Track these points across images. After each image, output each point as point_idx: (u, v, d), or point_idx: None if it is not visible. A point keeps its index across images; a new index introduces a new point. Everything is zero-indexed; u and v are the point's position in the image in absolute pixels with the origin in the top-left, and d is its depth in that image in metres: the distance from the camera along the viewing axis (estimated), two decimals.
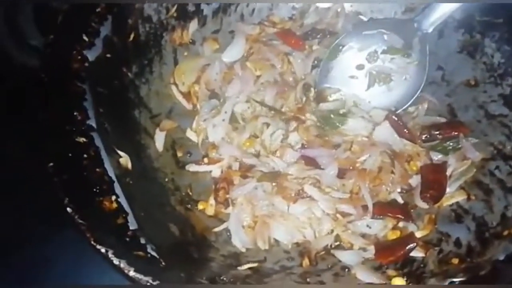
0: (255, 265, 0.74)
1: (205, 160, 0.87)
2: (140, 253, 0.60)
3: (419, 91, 0.88)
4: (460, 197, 0.81)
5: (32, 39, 1.03)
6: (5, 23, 1.05)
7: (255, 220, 0.80)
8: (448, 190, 0.81)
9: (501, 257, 0.68)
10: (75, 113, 0.70)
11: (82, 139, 0.68)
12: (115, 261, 0.55)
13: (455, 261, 0.73)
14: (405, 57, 0.89)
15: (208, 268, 0.70)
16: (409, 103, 0.88)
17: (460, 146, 0.84)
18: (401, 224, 0.79)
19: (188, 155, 0.89)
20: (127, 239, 0.60)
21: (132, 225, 0.63)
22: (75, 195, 0.60)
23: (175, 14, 0.91)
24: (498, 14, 0.87)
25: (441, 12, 0.86)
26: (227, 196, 0.81)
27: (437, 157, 0.84)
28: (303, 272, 0.75)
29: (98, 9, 0.78)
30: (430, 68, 0.92)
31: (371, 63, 0.91)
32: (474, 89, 0.90)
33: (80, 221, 0.56)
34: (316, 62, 0.93)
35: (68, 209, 0.57)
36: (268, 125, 0.87)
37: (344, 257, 0.77)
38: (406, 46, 0.89)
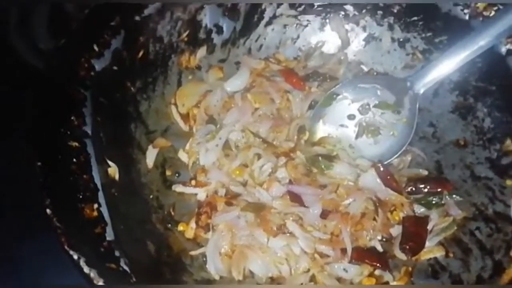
0: None
1: (193, 182, 0.88)
2: (113, 265, 0.59)
3: (404, 148, 0.90)
4: (439, 253, 0.81)
5: (41, 42, 1.05)
6: (19, 22, 1.07)
7: (233, 249, 0.79)
8: (427, 244, 0.81)
9: None
10: (72, 118, 0.71)
11: (75, 144, 0.69)
12: (86, 269, 0.54)
13: None
14: (395, 113, 0.92)
15: None
16: (392, 159, 0.90)
17: (443, 202, 0.85)
18: (377, 272, 0.79)
19: (177, 175, 0.90)
20: (102, 249, 0.60)
21: (109, 236, 0.62)
22: (57, 197, 0.60)
23: (186, 39, 0.94)
24: (493, 81, 0.91)
25: (435, 75, 0.88)
26: (209, 221, 0.81)
27: (420, 210, 0.85)
28: None
29: (113, 23, 0.81)
30: (422, 124, 0.95)
31: (362, 115, 0.94)
32: (462, 150, 0.93)
33: (58, 224, 0.56)
34: (313, 103, 0.96)
35: (48, 211, 0.57)
36: (259, 156, 0.88)
37: None
38: (397, 103, 0.92)
